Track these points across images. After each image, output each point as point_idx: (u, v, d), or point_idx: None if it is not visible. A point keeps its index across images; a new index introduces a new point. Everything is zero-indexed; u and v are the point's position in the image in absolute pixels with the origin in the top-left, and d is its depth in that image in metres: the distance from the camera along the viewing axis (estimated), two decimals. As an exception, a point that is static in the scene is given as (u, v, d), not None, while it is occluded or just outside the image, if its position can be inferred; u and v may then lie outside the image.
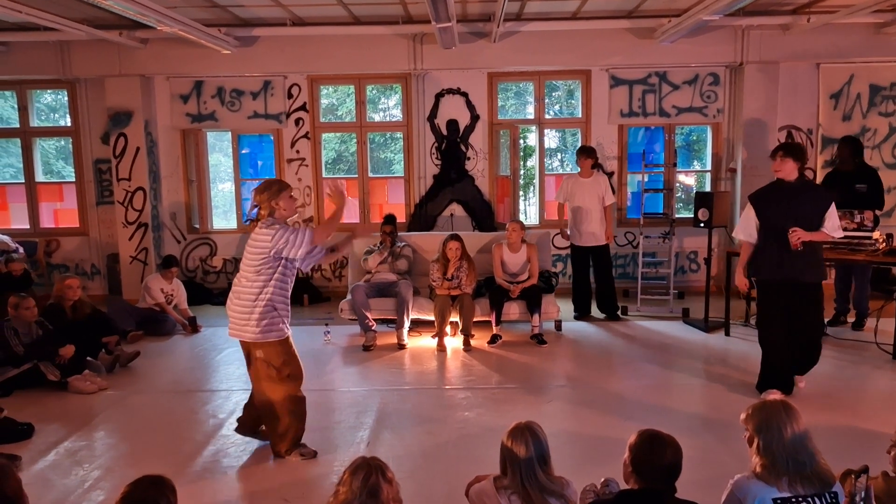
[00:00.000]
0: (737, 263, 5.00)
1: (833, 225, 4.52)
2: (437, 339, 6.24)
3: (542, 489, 2.40)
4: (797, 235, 4.42)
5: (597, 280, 7.31)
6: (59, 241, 8.71)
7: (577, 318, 7.30)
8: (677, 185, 8.71)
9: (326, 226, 3.86)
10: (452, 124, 8.40)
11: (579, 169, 7.20)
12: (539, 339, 6.30)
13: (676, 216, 8.20)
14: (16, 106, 8.68)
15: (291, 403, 3.87)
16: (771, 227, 4.59)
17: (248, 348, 3.87)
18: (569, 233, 7.24)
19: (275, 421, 3.88)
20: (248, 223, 3.93)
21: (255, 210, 3.82)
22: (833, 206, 4.53)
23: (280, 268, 3.76)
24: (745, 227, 4.80)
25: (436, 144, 8.45)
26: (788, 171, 4.52)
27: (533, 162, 9.27)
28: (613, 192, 7.65)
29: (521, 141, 9.34)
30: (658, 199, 8.44)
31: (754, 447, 2.36)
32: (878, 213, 6.08)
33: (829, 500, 2.25)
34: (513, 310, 6.48)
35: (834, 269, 6.53)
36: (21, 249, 7.90)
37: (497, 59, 8.03)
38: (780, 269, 4.57)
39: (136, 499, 2.11)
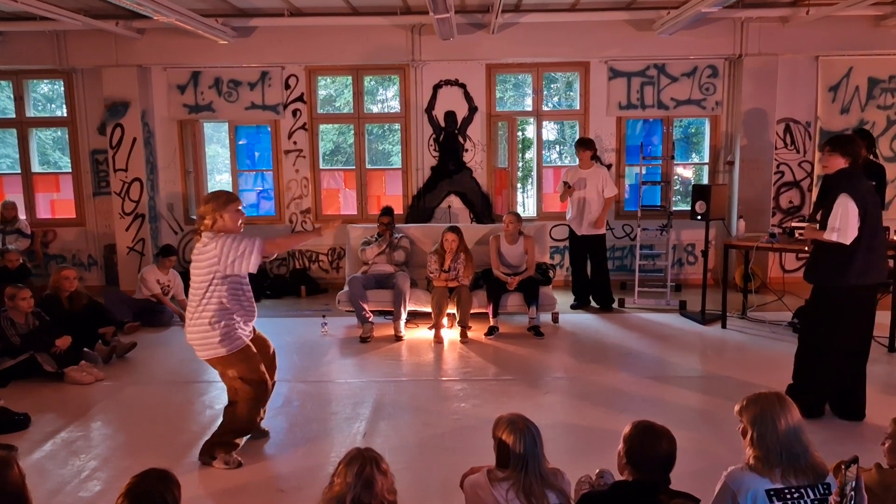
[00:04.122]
0: None
1: (831, 223, 3.98)
2: (433, 330, 6.24)
3: (543, 482, 2.41)
4: (801, 231, 4.23)
5: (592, 271, 7.35)
6: (55, 231, 8.70)
7: (573, 307, 7.33)
8: (675, 177, 8.71)
9: (282, 241, 3.77)
10: (450, 116, 8.38)
11: (577, 161, 7.23)
12: (536, 330, 6.31)
13: (674, 209, 8.20)
14: (12, 96, 8.64)
15: (252, 405, 3.79)
16: None
17: (217, 367, 3.75)
18: (568, 216, 7.30)
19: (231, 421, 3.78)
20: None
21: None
22: (838, 203, 3.94)
23: (231, 280, 3.61)
24: None
25: (434, 136, 8.43)
26: (834, 165, 4.07)
27: (531, 154, 9.26)
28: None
29: (520, 133, 9.32)
30: (656, 192, 8.42)
31: (748, 439, 2.36)
32: None
33: (821, 492, 2.26)
34: (510, 301, 6.48)
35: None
36: (29, 229, 8.12)
37: (495, 51, 8.01)
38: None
39: (142, 491, 2.10)
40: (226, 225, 3.57)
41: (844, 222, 3.92)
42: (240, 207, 3.68)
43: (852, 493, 2.03)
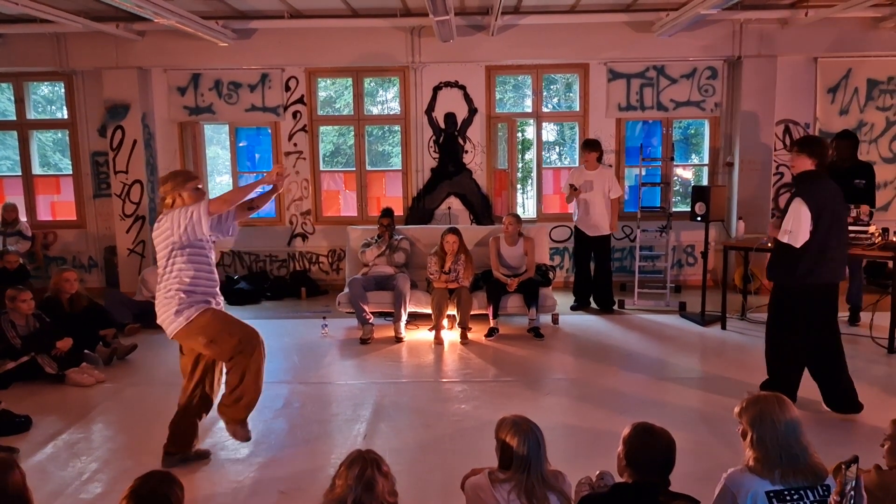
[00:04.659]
0: None
1: (784, 226, 4.12)
2: (434, 332, 6.25)
3: (544, 484, 2.42)
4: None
5: (595, 272, 7.36)
6: (56, 233, 8.70)
7: (573, 308, 7.33)
8: (675, 178, 8.72)
9: (229, 195, 3.66)
10: (450, 117, 8.39)
11: (579, 162, 7.23)
12: (536, 332, 6.31)
13: (673, 210, 8.21)
14: (12, 98, 8.66)
15: (255, 366, 3.66)
16: None
17: (187, 341, 3.68)
18: (574, 217, 7.31)
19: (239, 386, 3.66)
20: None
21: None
22: (792, 206, 4.08)
23: (189, 250, 3.59)
24: None
25: (433, 138, 8.44)
26: (801, 166, 4.19)
27: (531, 155, 9.27)
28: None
29: (519, 134, 9.34)
30: (655, 193, 8.44)
31: (748, 440, 2.37)
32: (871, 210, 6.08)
33: (821, 493, 2.27)
34: (510, 303, 6.49)
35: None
36: (29, 231, 8.12)
37: (495, 53, 8.02)
38: None
39: (146, 493, 2.11)
40: (185, 204, 3.56)
41: (796, 226, 4.05)
42: (199, 186, 3.66)
43: (852, 492, 2.04)
